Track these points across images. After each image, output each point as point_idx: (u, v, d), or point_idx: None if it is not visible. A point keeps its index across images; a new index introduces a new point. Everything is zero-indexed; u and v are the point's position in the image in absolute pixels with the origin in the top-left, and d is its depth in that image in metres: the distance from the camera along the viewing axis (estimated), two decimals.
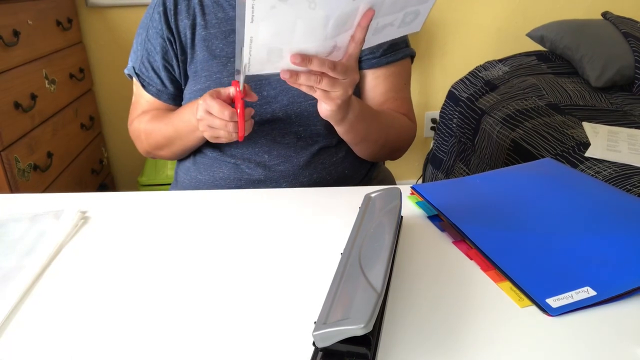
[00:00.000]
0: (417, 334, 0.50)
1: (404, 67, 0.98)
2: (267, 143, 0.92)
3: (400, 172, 2.33)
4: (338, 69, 0.67)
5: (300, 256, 0.63)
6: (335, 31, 0.65)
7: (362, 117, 0.83)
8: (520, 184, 0.76)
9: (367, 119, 0.85)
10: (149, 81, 0.97)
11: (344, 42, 0.68)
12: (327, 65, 0.66)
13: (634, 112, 1.51)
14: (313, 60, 0.65)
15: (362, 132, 0.87)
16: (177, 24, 0.93)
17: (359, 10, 0.64)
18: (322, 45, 0.66)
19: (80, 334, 0.52)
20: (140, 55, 0.96)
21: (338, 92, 0.70)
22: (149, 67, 0.96)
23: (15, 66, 1.51)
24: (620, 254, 0.59)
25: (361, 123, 0.84)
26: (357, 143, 0.91)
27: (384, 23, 0.70)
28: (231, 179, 0.93)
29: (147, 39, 0.95)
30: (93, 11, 1.98)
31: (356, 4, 0.63)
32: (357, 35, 0.66)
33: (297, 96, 0.91)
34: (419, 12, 0.71)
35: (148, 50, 0.95)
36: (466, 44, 2.20)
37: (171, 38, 0.93)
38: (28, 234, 0.69)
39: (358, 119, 0.83)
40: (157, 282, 0.59)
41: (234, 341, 0.50)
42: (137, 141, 1.01)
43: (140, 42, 0.97)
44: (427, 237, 0.67)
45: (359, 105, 0.83)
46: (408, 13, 0.70)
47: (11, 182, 1.44)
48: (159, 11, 0.93)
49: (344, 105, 0.74)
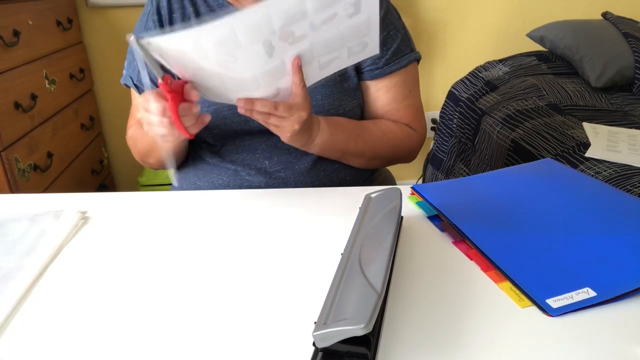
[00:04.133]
0: (417, 334, 0.50)
1: (409, 74, 0.96)
2: (267, 149, 0.92)
3: (400, 173, 2.33)
4: (280, 109, 0.71)
5: (301, 256, 0.63)
6: (269, 81, 0.68)
7: (330, 142, 0.86)
8: (520, 184, 0.76)
9: (336, 144, 0.88)
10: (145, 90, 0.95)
11: (287, 84, 0.70)
12: (268, 107, 0.71)
13: (634, 113, 1.51)
14: (256, 103, 0.70)
15: (336, 153, 0.90)
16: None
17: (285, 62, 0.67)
18: (262, 92, 0.69)
19: (80, 334, 0.52)
20: (135, 65, 0.94)
21: (285, 128, 0.74)
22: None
23: (15, 66, 1.51)
24: (620, 254, 0.59)
25: (331, 147, 0.88)
26: (338, 158, 0.93)
27: (327, 59, 0.71)
28: (231, 185, 0.92)
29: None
30: (93, 11, 1.98)
31: (276, 60, 0.65)
32: (294, 79, 0.69)
33: None
34: (366, 43, 0.71)
35: (139, 59, 0.93)
36: (466, 44, 2.20)
37: None
38: (28, 234, 0.69)
39: (327, 144, 0.86)
40: (157, 282, 0.59)
41: (234, 341, 0.50)
42: (132, 150, 1.00)
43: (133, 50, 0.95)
44: (427, 237, 0.67)
45: (326, 133, 0.85)
46: (353, 46, 0.71)
47: (11, 182, 1.44)
48: (153, 19, 0.92)
49: (296, 137, 0.78)
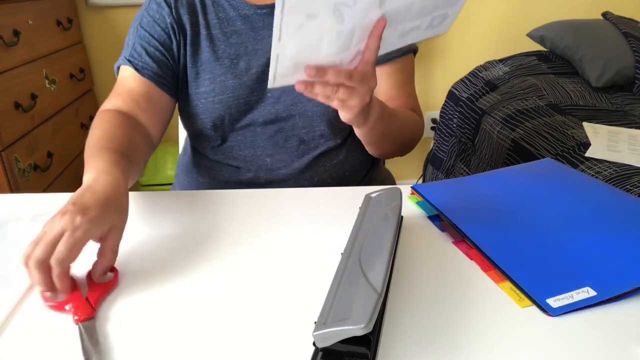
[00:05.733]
0: (417, 334, 0.50)
1: (407, 63, 0.97)
2: (269, 147, 0.92)
3: (400, 172, 2.33)
4: (354, 77, 0.64)
5: (301, 256, 0.63)
6: (359, 39, 0.63)
7: (381, 117, 0.81)
8: (520, 184, 0.76)
9: (386, 120, 0.83)
10: (144, 65, 0.88)
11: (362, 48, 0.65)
12: (343, 76, 0.63)
13: (634, 112, 1.51)
14: (328, 72, 0.62)
15: (381, 132, 0.84)
16: (180, 16, 0.89)
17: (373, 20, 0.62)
18: (346, 54, 0.64)
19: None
20: (132, 43, 0.90)
21: (355, 101, 0.67)
22: (142, 52, 0.89)
23: (15, 66, 1.51)
24: (620, 254, 0.59)
25: (381, 124, 0.81)
26: (374, 143, 0.87)
27: (410, 27, 0.68)
28: (232, 181, 0.93)
29: (140, 26, 0.90)
30: (93, 11, 1.98)
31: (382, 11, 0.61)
32: (371, 43, 0.63)
33: (300, 96, 0.90)
34: (447, 14, 0.69)
35: (141, 37, 0.89)
36: (466, 44, 2.20)
37: (174, 25, 0.88)
38: (28, 234, 0.69)
39: (379, 119, 0.80)
40: (157, 282, 0.59)
41: (235, 341, 0.50)
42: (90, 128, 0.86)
43: (132, 33, 0.91)
44: (427, 237, 0.67)
45: (379, 106, 0.79)
46: (436, 16, 0.68)
47: (11, 182, 1.44)
48: (157, 2, 0.89)
49: (362, 112, 0.71)
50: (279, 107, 0.90)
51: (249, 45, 0.89)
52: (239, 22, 0.90)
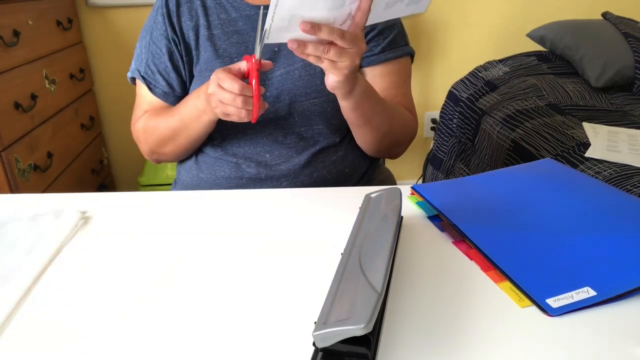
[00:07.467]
0: (417, 334, 0.50)
1: (403, 66, 0.98)
2: (269, 143, 0.93)
3: (400, 172, 2.33)
4: (346, 37, 0.67)
5: (301, 256, 0.63)
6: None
7: (368, 94, 0.83)
8: (520, 184, 0.76)
9: (372, 98, 0.85)
10: (155, 83, 0.96)
11: (354, 10, 0.68)
12: (336, 34, 0.66)
13: (634, 112, 1.51)
14: (322, 28, 0.65)
15: (368, 111, 0.86)
16: (181, 26, 0.93)
17: None
18: (339, 13, 0.66)
19: (80, 334, 0.52)
20: (145, 59, 0.96)
21: (346, 62, 0.70)
22: (154, 69, 0.95)
23: (15, 66, 1.51)
24: (620, 254, 0.59)
25: (367, 100, 0.83)
26: (361, 125, 0.89)
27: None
28: (232, 177, 0.94)
29: (152, 41, 0.95)
30: (93, 11, 1.98)
31: None
32: (363, 4, 0.66)
33: (299, 95, 0.91)
34: None
35: (153, 53, 0.95)
36: (466, 44, 2.20)
37: (176, 39, 0.93)
38: (28, 234, 0.69)
39: (365, 95, 0.82)
40: (157, 283, 0.59)
41: (234, 341, 0.50)
42: (140, 142, 1.00)
43: (144, 45, 0.97)
44: (427, 237, 0.67)
45: (365, 81, 0.82)
46: None
47: (11, 182, 1.44)
48: (162, 13, 0.93)
49: (351, 76, 0.74)
50: (278, 107, 0.91)
51: (250, 45, 0.91)
52: (241, 23, 0.91)
